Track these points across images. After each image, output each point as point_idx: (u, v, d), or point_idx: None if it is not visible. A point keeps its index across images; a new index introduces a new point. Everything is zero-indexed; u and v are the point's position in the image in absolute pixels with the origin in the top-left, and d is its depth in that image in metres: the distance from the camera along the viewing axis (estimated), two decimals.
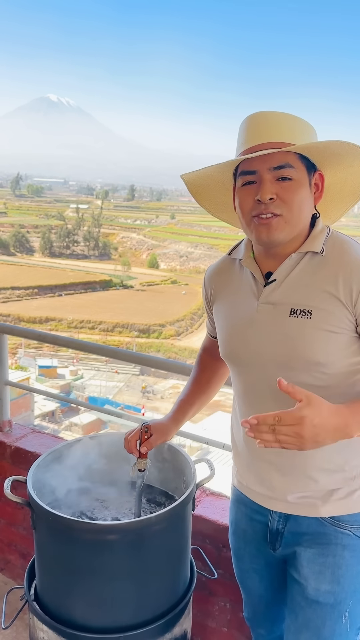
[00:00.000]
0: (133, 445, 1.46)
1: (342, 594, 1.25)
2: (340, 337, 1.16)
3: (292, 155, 1.14)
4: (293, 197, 1.15)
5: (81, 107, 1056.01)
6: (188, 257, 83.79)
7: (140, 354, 2.35)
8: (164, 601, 1.44)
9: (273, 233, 1.17)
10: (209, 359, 1.57)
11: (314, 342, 1.16)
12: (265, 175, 1.14)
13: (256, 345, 1.25)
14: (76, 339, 2.62)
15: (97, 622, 1.37)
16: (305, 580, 1.28)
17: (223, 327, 1.35)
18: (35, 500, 1.37)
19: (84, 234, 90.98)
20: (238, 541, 1.46)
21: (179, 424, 1.53)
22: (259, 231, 1.18)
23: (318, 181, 1.21)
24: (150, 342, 49.23)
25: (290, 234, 1.19)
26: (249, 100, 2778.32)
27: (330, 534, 1.25)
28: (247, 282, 1.30)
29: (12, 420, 2.53)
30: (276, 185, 1.14)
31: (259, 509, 1.35)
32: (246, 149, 1.18)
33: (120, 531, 1.32)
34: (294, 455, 1.23)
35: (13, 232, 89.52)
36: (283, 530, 1.31)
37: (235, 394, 1.38)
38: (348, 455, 1.23)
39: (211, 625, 1.90)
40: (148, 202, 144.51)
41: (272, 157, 1.13)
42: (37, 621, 1.44)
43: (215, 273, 1.42)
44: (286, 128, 1.15)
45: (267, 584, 1.45)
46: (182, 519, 1.45)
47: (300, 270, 1.21)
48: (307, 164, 1.17)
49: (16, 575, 2.44)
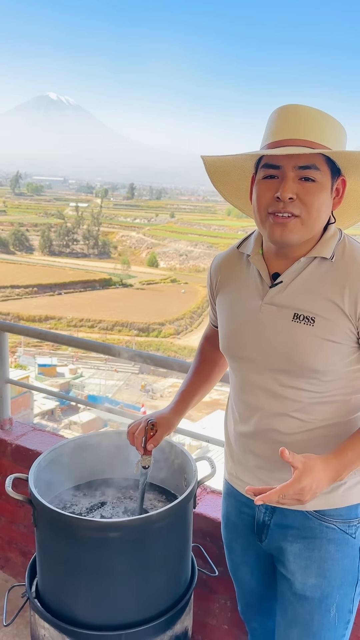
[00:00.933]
0: (139, 442, 1.47)
1: (328, 587, 1.26)
2: (340, 347, 1.17)
3: (319, 157, 1.11)
4: (313, 200, 1.12)
5: (81, 106, 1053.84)
6: (187, 256, 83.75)
7: (141, 352, 2.35)
8: (165, 598, 1.44)
9: (288, 234, 1.15)
10: (210, 349, 1.57)
11: (314, 351, 1.16)
12: (289, 172, 1.11)
13: (256, 345, 1.25)
14: (76, 337, 2.62)
15: (99, 619, 1.37)
16: (292, 575, 1.29)
17: (224, 322, 1.35)
18: (37, 498, 1.37)
19: (83, 232, 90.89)
20: (229, 534, 1.48)
21: (182, 414, 1.53)
22: (273, 230, 1.16)
23: (340, 187, 1.19)
24: (149, 340, 49.20)
25: (304, 237, 1.17)
26: (249, 98, 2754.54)
27: (315, 527, 1.26)
28: (252, 279, 1.29)
29: (12, 418, 2.53)
30: (298, 184, 1.12)
31: (247, 502, 1.37)
32: (274, 141, 1.15)
33: (121, 529, 1.32)
34: None
35: (12, 230, 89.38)
36: (269, 522, 1.32)
37: (232, 388, 1.39)
38: None
39: (212, 623, 1.90)
40: (148, 200, 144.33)
41: (299, 155, 1.10)
42: (39, 618, 1.44)
43: (222, 264, 1.40)
44: (317, 127, 1.12)
45: (258, 577, 1.46)
46: (183, 516, 1.45)
47: (307, 275, 1.20)
48: (332, 168, 1.14)
49: (17, 573, 2.44)
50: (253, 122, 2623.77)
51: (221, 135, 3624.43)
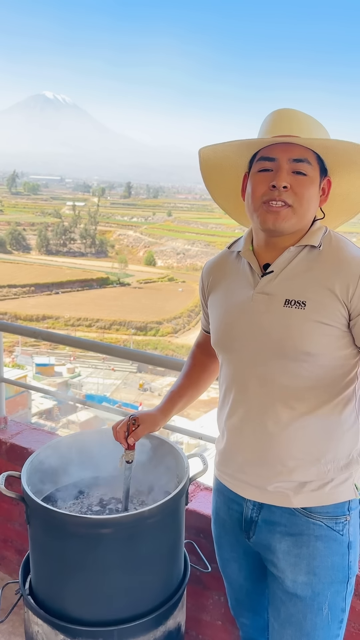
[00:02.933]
0: (122, 436, 1.48)
1: (319, 585, 1.27)
2: (331, 330, 1.19)
3: (311, 153, 1.20)
4: (304, 191, 1.20)
5: (77, 104, 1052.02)
6: (185, 255, 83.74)
7: (137, 351, 2.36)
8: (158, 594, 1.45)
9: (280, 221, 1.21)
10: (201, 356, 1.61)
11: (305, 332, 1.19)
12: (284, 164, 1.20)
13: (248, 334, 1.27)
14: (71, 336, 2.63)
15: (91, 615, 1.38)
16: (282, 573, 1.30)
17: (217, 316, 1.38)
18: (29, 495, 1.38)
19: (80, 231, 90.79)
20: (218, 530, 1.50)
21: (168, 414, 1.55)
22: (266, 218, 1.22)
23: (325, 186, 1.27)
24: (147, 339, 49.22)
25: (294, 226, 1.23)
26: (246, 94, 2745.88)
27: (302, 524, 1.27)
28: (243, 273, 1.33)
29: (7, 417, 2.53)
30: (291, 176, 1.20)
31: (235, 498, 1.38)
32: (268, 136, 1.23)
33: (113, 525, 1.33)
34: (272, 444, 1.26)
35: (9, 229, 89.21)
36: (257, 518, 1.34)
37: (222, 382, 1.41)
38: (324, 448, 1.26)
39: (205, 619, 1.91)
40: (145, 199, 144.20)
41: (293, 148, 1.19)
42: (32, 615, 1.45)
43: (213, 266, 1.46)
44: (309, 126, 1.22)
45: (246, 574, 1.47)
46: (175, 513, 1.46)
47: (297, 262, 1.25)
48: (320, 166, 1.23)
49: (12, 570, 2.45)
50: (251, 119, 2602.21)
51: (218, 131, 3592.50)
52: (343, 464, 1.27)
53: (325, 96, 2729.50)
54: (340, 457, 1.27)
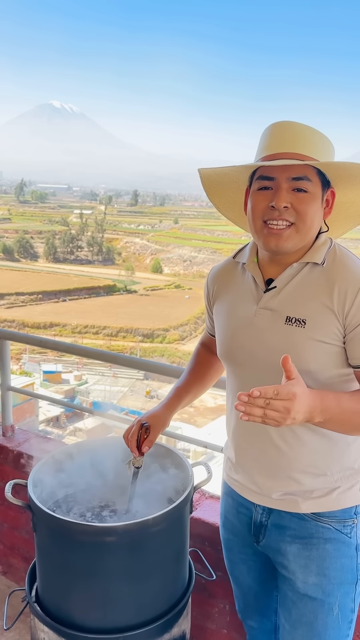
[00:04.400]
0: (134, 445, 1.50)
1: (329, 586, 1.29)
2: (331, 348, 1.20)
3: (311, 169, 1.18)
4: (306, 209, 1.18)
5: (84, 113, 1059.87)
6: (191, 262, 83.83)
7: (142, 360, 2.38)
8: (163, 602, 1.46)
9: (283, 243, 1.21)
10: (205, 353, 1.63)
11: (305, 350, 1.20)
12: (283, 183, 1.18)
13: (252, 348, 1.29)
14: (77, 345, 2.65)
15: (97, 623, 1.39)
16: (293, 574, 1.32)
17: (222, 328, 1.39)
18: (35, 503, 1.40)
19: (87, 239, 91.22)
20: (227, 533, 1.52)
21: (174, 410, 1.57)
22: (268, 240, 1.22)
23: (329, 197, 1.25)
24: (154, 346, 49.22)
25: (298, 244, 1.22)
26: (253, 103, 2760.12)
27: (312, 527, 1.29)
28: (248, 286, 1.34)
29: (14, 425, 2.56)
30: (291, 194, 1.18)
31: (244, 502, 1.41)
32: (268, 155, 1.21)
33: (118, 533, 1.34)
34: (279, 457, 1.29)
35: (17, 237, 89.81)
36: (266, 522, 1.36)
37: (229, 393, 1.43)
38: (331, 461, 1.28)
39: (211, 627, 1.92)
40: (151, 207, 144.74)
41: (292, 167, 1.17)
42: (38, 622, 1.47)
43: (218, 274, 1.46)
44: (309, 141, 1.19)
45: (255, 575, 1.49)
46: (179, 521, 1.47)
47: (300, 279, 1.25)
48: (322, 180, 1.21)
49: (19, 578, 2.47)
50: (257, 128, 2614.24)
51: (224, 141, 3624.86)
52: (350, 473, 1.30)
53: (333, 106, 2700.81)
54: (346, 468, 1.29)
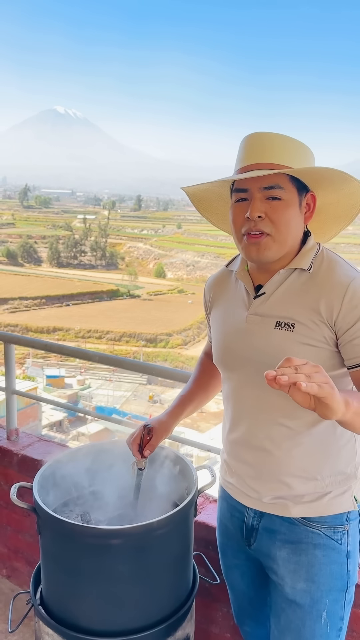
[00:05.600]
0: (136, 449, 1.52)
1: (317, 592, 1.28)
2: (320, 351, 1.21)
3: (283, 177, 1.18)
4: (280, 217, 1.20)
5: (88, 119, 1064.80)
6: (195, 267, 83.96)
7: (146, 363, 2.39)
8: (167, 605, 1.47)
9: (262, 252, 1.23)
10: (209, 362, 1.64)
11: (295, 354, 1.19)
12: (256, 194, 1.20)
13: (244, 353, 1.31)
14: (81, 349, 2.66)
15: (101, 626, 1.39)
16: (282, 579, 1.32)
17: (216, 335, 1.42)
18: (41, 506, 1.40)
19: (91, 244, 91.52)
20: (222, 537, 1.53)
21: (178, 418, 1.58)
22: (249, 250, 1.24)
23: (310, 201, 1.25)
24: (157, 351, 49.25)
25: (278, 252, 1.24)
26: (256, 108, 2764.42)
27: (301, 532, 1.29)
28: (240, 293, 1.37)
29: (19, 429, 2.57)
30: (265, 204, 1.20)
31: (237, 505, 1.42)
32: (241, 167, 1.24)
33: (122, 536, 1.35)
34: (271, 461, 1.30)
35: (21, 242, 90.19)
36: (257, 526, 1.37)
37: (224, 399, 1.44)
38: (321, 464, 1.28)
39: (214, 631, 1.92)
40: (155, 212, 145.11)
41: (263, 177, 1.18)
42: (43, 625, 1.47)
43: (213, 283, 1.50)
44: (279, 150, 1.20)
45: (248, 581, 1.50)
46: (183, 524, 1.48)
47: (288, 285, 1.26)
48: (298, 185, 1.21)
49: (22, 582, 2.47)
50: None
51: (228, 145, 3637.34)
52: (341, 478, 1.30)
53: (337, 110, 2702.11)
54: (337, 472, 1.30)
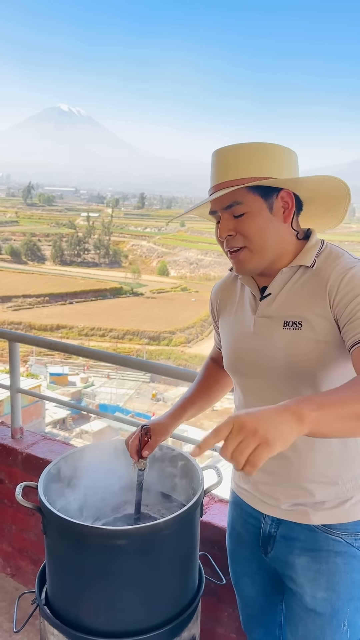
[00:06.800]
0: (134, 450, 1.50)
1: (338, 602, 1.25)
2: (329, 347, 1.17)
3: (239, 191, 1.16)
4: (249, 229, 1.19)
5: (92, 117, 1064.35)
6: (198, 265, 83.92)
7: (149, 362, 2.38)
8: (173, 606, 1.46)
9: (243, 266, 1.24)
10: (214, 367, 1.62)
11: (305, 354, 1.18)
12: (223, 214, 1.21)
13: (255, 357, 1.28)
14: (85, 347, 2.65)
15: (107, 626, 1.38)
16: (301, 588, 1.28)
17: (225, 341, 1.40)
18: (46, 506, 1.39)
19: (94, 242, 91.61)
20: (233, 544, 1.50)
21: (178, 421, 1.56)
22: (234, 265, 1.27)
23: (287, 199, 1.21)
24: (160, 349, 49.26)
25: (260, 261, 1.23)
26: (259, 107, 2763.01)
27: (321, 540, 1.26)
28: (246, 298, 1.36)
29: (23, 428, 2.56)
30: (233, 221, 1.21)
31: (253, 512, 1.38)
32: (209, 188, 1.25)
33: (128, 536, 1.34)
34: (289, 467, 1.26)
35: (25, 240, 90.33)
36: (275, 534, 1.33)
37: (237, 404, 1.41)
38: (342, 470, 1.25)
39: (220, 632, 1.91)
40: (158, 209, 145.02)
41: (220, 199, 1.19)
42: (48, 625, 1.46)
43: (220, 289, 1.48)
44: (233, 165, 1.18)
45: (259, 588, 1.46)
46: (190, 524, 1.47)
47: (293, 283, 1.24)
48: (262, 191, 1.18)
49: (27, 581, 2.47)
50: (263, 131, 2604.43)
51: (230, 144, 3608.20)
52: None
53: (340, 110, 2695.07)
54: (357, 476, 1.26)
